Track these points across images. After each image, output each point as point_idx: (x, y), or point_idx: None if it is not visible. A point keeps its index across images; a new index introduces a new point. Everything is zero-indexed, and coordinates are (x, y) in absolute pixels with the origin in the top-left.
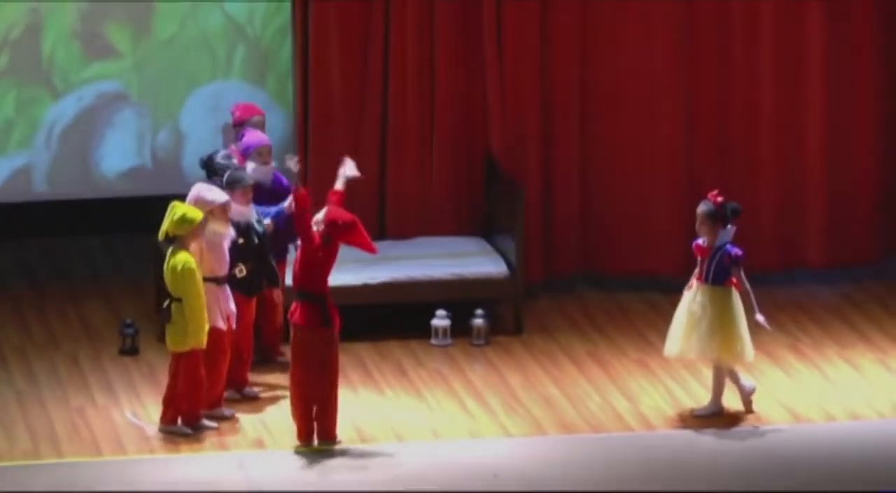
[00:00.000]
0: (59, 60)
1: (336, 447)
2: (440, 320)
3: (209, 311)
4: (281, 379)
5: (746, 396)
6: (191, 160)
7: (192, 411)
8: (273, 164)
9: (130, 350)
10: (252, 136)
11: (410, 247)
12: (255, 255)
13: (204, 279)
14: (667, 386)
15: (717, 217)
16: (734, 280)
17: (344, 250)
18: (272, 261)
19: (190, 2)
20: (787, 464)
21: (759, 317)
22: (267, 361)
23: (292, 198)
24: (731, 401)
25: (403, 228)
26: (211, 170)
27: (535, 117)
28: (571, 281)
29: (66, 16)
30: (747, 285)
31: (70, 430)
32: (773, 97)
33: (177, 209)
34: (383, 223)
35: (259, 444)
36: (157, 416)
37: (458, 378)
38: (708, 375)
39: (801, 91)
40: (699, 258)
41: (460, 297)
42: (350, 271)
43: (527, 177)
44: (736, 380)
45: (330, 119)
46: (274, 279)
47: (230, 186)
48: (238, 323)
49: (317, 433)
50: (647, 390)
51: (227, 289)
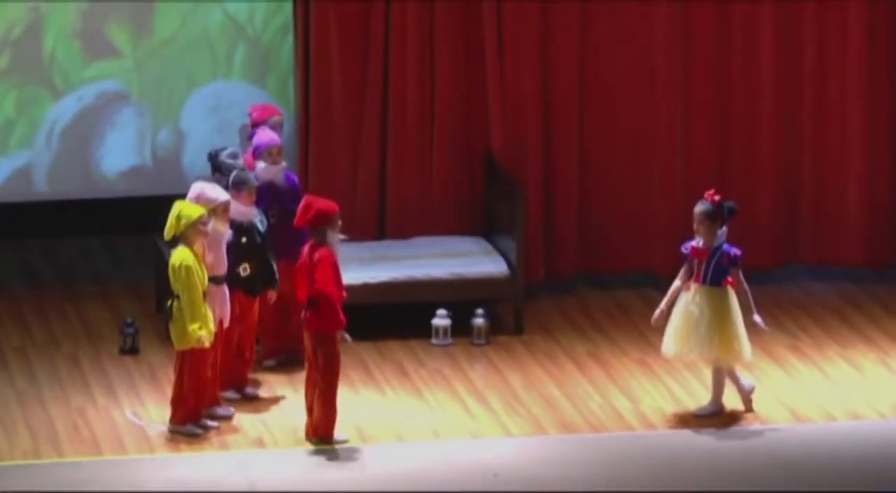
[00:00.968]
0: (59, 60)
1: (336, 447)
2: (441, 319)
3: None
4: (281, 379)
5: (746, 395)
6: (191, 160)
7: (196, 410)
8: (283, 164)
9: (131, 350)
10: (263, 135)
11: (410, 247)
12: (257, 255)
13: None
14: (667, 386)
15: (716, 217)
16: (731, 280)
17: (344, 251)
18: (272, 262)
19: (190, 1)
20: (787, 464)
21: (757, 318)
22: (293, 361)
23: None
24: (732, 401)
25: (403, 228)
26: (215, 167)
27: (536, 117)
28: (572, 281)
29: (67, 15)
30: (745, 285)
31: (70, 430)
32: (773, 96)
33: (175, 207)
34: (383, 223)
35: (259, 444)
36: (157, 416)
37: (458, 378)
38: (708, 375)
39: (801, 89)
40: (695, 260)
41: (461, 297)
42: (350, 271)
43: (527, 177)
44: (735, 380)
45: (330, 119)
46: (271, 280)
47: (236, 187)
48: (241, 323)
49: (313, 431)
50: (648, 390)
51: (226, 289)
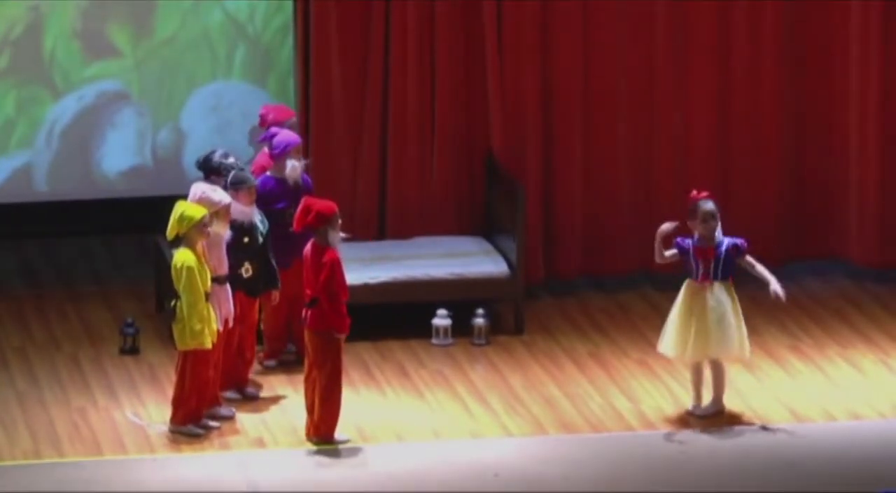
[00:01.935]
0: (59, 60)
1: (337, 447)
2: (441, 319)
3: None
4: (281, 379)
5: (720, 393)
6: (191, 160)
7: (197, 410)
8: (304, 161)
9: (131, 350)
10: (286, 134)
11: (410, 247)
12: (259, 255)
13: None
14: (667, 386)
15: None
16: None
17: (344, 251)
18: (273, 262)
19: (190, 1)
20: (787, 464)
21: (776, 287)
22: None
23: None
24: (731, 401)
25: (403, 228)
26: (209, 170)
27: (536, 117)
28: (572, 281)
29: (67, 15)
30: (755, 262)
31: (71, 430)
32: (773, 95)
33: (178, 208)
34: (383, 223)
35: (259, 444)
36: (157, 416)
37: (458, 378)
38: (707, 375)
39: (802, 89)
40: (699, 259)
41: (461, 297)
42: (350, 271)
43: (527, 177)
44: (722, 376)
45: (330, 119)
46: (273, 281)
47: (235, 187)
48: (241, 323)
49: (314, 431)
50: (648, 390)
51: (228, 289)
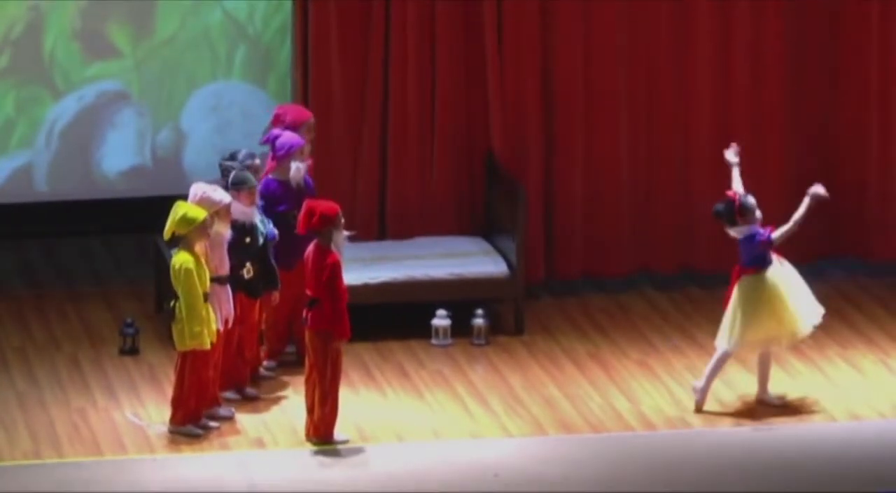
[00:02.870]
0: (59, 60)
1: (337, 447)
2: (441, 319)
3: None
4: (281, 379)
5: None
6: (191, 160)
7: (196, 411)
8: (308, 162)
9: (130, 350)
10: (289, 136)
11: (410, 247)
12: (260, 256)
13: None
14: (667, 386)
15: (737, 215)
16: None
17: (345, 251)
18: (273, 264)
19: (190, 1)
20: (787, 464)
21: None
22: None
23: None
24: (731, 400)
25: (403, 228)
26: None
27: (536, 117)
28: (572, 281)
29: (67, 15)
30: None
31: (71, 430)
32: (773, 94)
33: (179, 209)
34: (383, 223)
35: (259, 444)
36: (157, 416)
37: (458, 378)
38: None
39: (802, 89)
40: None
41: (461, 297)
42: (350, 271)
43: (527, 177)
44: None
45: (330, 119)
46: (273, 282)
47: (236, 187)
48: (242, 324)
49: (313, 431)
50: (648, 391)
51: (229, 290)
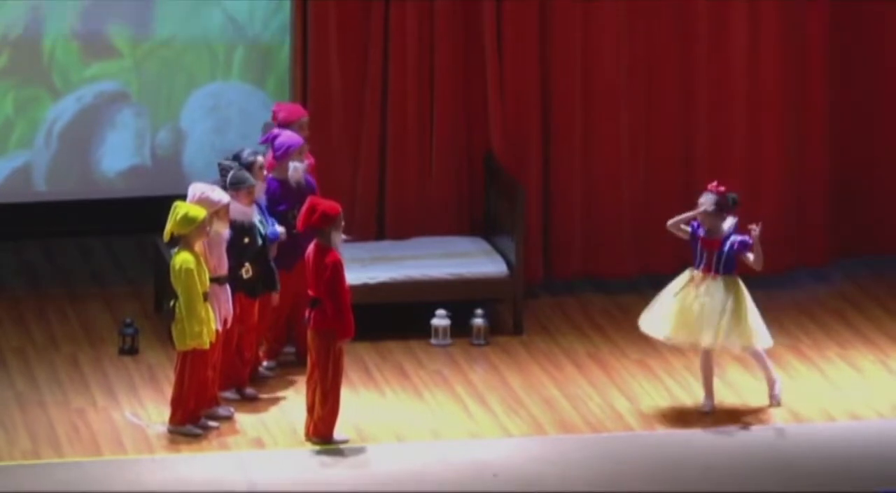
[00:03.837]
0: (58, 60)
1: (336, 447)
2: (440, 319)
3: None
4: (281, 379)
5: (774, 382)
6: (191, 160)
7: (196, 410)
8: (307, 161)
9: (130, 350)
10: (288, 136)
11: (410, 247)
12: (259, 256)
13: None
14: (667, 386)
15: (723, 207)
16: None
17: (344, 251)
18: (272, 264)
19: (190, 1)
20: (787, 464)
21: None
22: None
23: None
24: (731, 400)
25: (403, 228)
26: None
27: (536, 117)
28: (571, 281)
29: (66, 15)
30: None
31: (70, 431)
32: (775, 96)
33: (179, 209)
34: (383, 223)
35: (259, 444)
36: (157, 416)
37: (458, 378)
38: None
39: (802, 90)
40: (705, 251)
41: (460, 297)
42: (350, 271)
43: (527, 177)
44: (765, 364)
45: (330, 119)
46: (272, 283)
47: (234, 187)
48: (241, 324)
49: (313, 431)
50: (647, 391)
51: (228, 290)
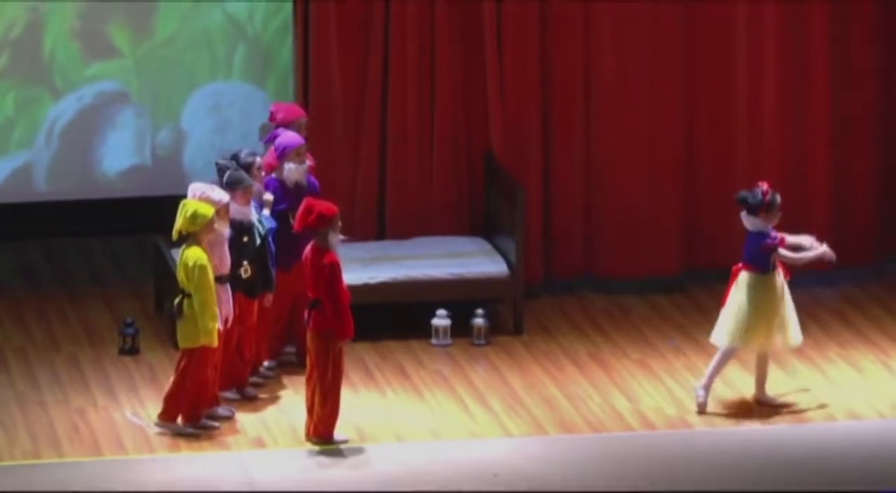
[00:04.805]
0: (59, 60)
1: (336, 447)
2: (440, 319)
3: None
4: (281, 379)
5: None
6: (191, 160)
7: (195, 410)
8: (308, 163)
9: (130, 350)
10: (287, 136)
11: (410, 247)
12: (257, 256)
13: None
14: (667, 386)
15: (762, 206)
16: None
17: (344, 251)
18: (270, 264)
19: (190, 1)
20: (787, 464)
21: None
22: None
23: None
24: (731, 400)
25: (403, 228)
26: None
27: (536, 117)
28: (572, 281)
29: (67, 15)
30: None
31: (70, 431)
32: (775, 97)
33: (188, 207)
34: (383, 224)
35: (259, 444)
36: (156, 413)
37: (458, 378)
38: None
39: (803, 91)
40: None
41: (460, 297)
42: (350, 272)
43: (527, 177)
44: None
45: (330, 119)
46: (268, 284)
47: (231, 187)
48: (240, 323)
49: (313, 431)
50: (648, 391)
51: (228, 289)
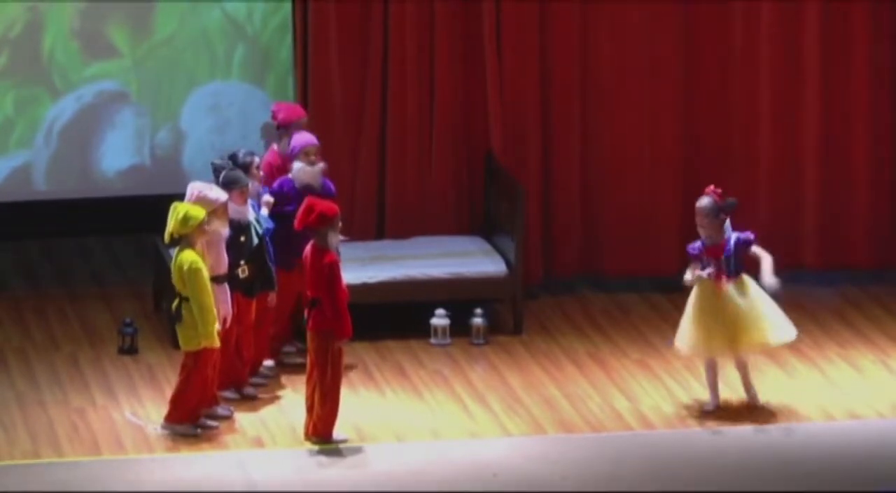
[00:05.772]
0: (58, 60)
1: (335, 447)
2: (440, 319)
3: None
4: (281, 379)
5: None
6: (190, 160)
7: (195, 410)
8: (321, 164)
9: (129, 350)
10: (299, 136)
11: (410, 247)
12: (256, 255)
13: None
14: (667, 386)
15: (721, 211)
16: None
17: (344, 251)
18: (270, 264)
19: (189, 1)
20: (787, 464)
21: (770, 280)
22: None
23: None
24: (730, 400)
25: (403, 227)
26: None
27: (535, 117)
28: (571, 281)
29: (66, 15)
30: (764, 252)
31: (70, 430)
32: (773, 96)
33: (179, 209)
34: (383, 223)
35: (258, 443)
36: (156, 415)
37: (457, 378)
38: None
39: (800, 91)
40: (711, 260)
41: (460, 296)
42: (349, 271)
43: (526, 176)
44: (716, 375)
45: (329, 118)
46: (269, 283)
47: (227, 186)
48: (239, 324)
49: (312, 430)
50: (647, 390)
51: (227, 289)
